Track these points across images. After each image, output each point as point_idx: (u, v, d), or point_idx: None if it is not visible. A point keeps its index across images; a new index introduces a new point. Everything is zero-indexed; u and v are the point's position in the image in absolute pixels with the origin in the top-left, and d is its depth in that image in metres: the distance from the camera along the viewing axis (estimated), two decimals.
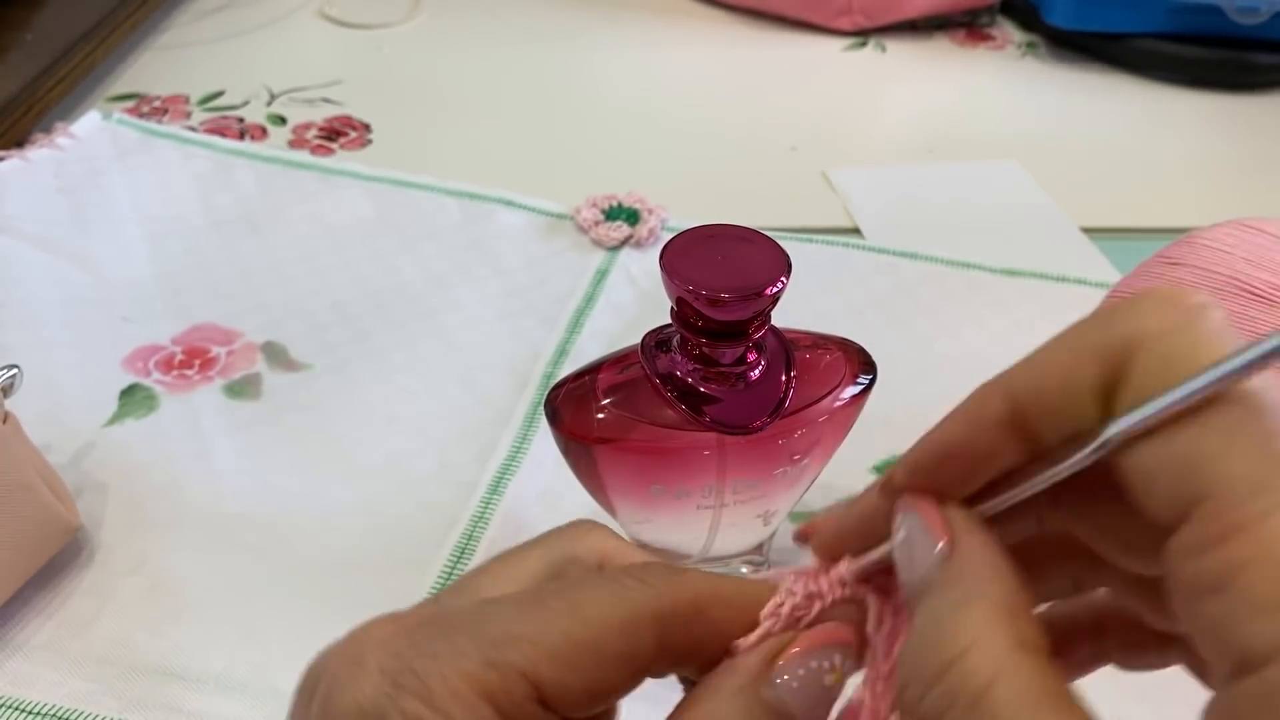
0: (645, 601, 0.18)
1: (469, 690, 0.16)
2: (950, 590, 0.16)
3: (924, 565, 0.17)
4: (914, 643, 0.16)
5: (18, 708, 0.33)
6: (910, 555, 0.17)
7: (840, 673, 0.19)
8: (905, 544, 0.18)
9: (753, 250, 0.30)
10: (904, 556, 0.18)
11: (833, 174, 0.61)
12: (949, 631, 0.16)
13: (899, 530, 0.18)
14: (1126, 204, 0.60)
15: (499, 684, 0.16)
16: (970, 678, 0.15)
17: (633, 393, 0.32)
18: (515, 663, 0.16)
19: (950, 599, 0.16)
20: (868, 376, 0.34)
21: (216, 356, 0.47)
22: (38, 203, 0.55)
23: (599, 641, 0.17)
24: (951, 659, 0.15)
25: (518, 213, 0.55)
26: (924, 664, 0.16)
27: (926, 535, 0.17)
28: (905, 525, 0.18)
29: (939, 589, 0.17)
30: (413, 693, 0.16)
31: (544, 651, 0.17)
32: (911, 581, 0.17)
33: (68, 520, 0.37)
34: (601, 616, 0.17)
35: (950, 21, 0.78)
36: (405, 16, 0.77)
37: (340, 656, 0.17)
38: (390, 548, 0.39)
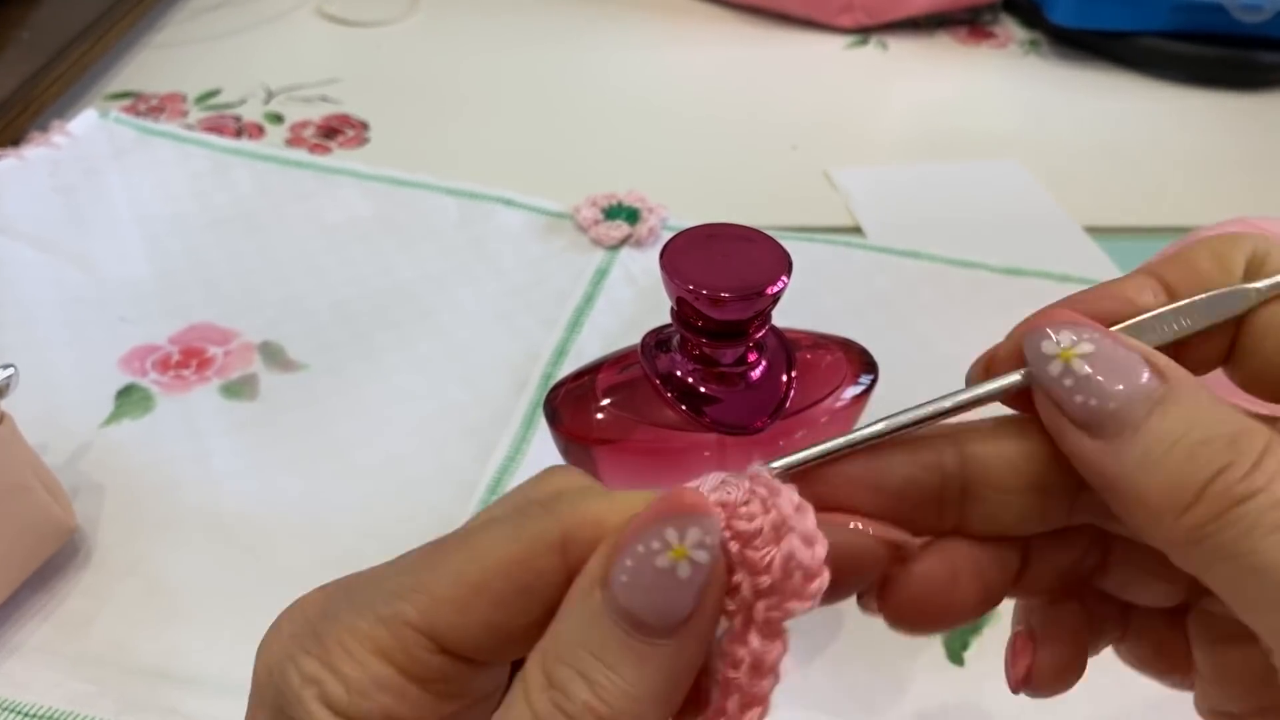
0: (544, 529, 0.17)
1: (361, 648, 0.16)
2: (1196, 392, 0.16)
3: (1135, 376, 0.17)
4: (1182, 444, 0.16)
5: (14, 710, 0.33)
6: (1109, 367, 0.17)
7: (679, 549, 0.16)
8: (1096, 355, 0.17)
9: (753, 249, 0.30)
10: (1099, 366, 0.17)
11: (834, 173, 0.61)
12: (1225, 419, 0.16)
13: (1079, 344, 0.17)
14: (1129, 203, 0.60)
15: (390, 639, 0.16)
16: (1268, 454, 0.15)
17: (633, 393, 0.32)
18: (405, 615, 0.16)
19: (1191, 405, 0.16)
20: (869, 377, 0.33)
21: (213, 356, 0.46)
22: (34, 202, 0.54)
23: (491, 579, 0.16)
24: (1264, 446, 0.16)
25: (517, 212, 0.55)
26: (1239, 444, 0.16)
27: (1123, 351, 0.17)
28: (1088, 338, 0.17)
29: (1183, 392, 0.16)
30: (311, 653, 0.16)
31: (434, 599, 0.16)
32: (1112, 396, 0.17)
33: (64, 521, 0.36)
34: (495, 552, 0.17)
35: (952, 19, 0.78)
36: (403, 14, 0.77)
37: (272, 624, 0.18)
38: (389, 548, 0.38)
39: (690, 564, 0.16)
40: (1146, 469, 0.16)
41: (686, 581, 0.16)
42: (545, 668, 0.16)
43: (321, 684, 0.16)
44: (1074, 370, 0.17)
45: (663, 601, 0.16)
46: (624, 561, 0.16)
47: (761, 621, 0.16)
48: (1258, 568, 0.15)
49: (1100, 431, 0.16)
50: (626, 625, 0.16)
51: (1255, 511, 0.15)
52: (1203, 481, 0.16)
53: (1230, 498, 0.15)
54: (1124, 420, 0.16)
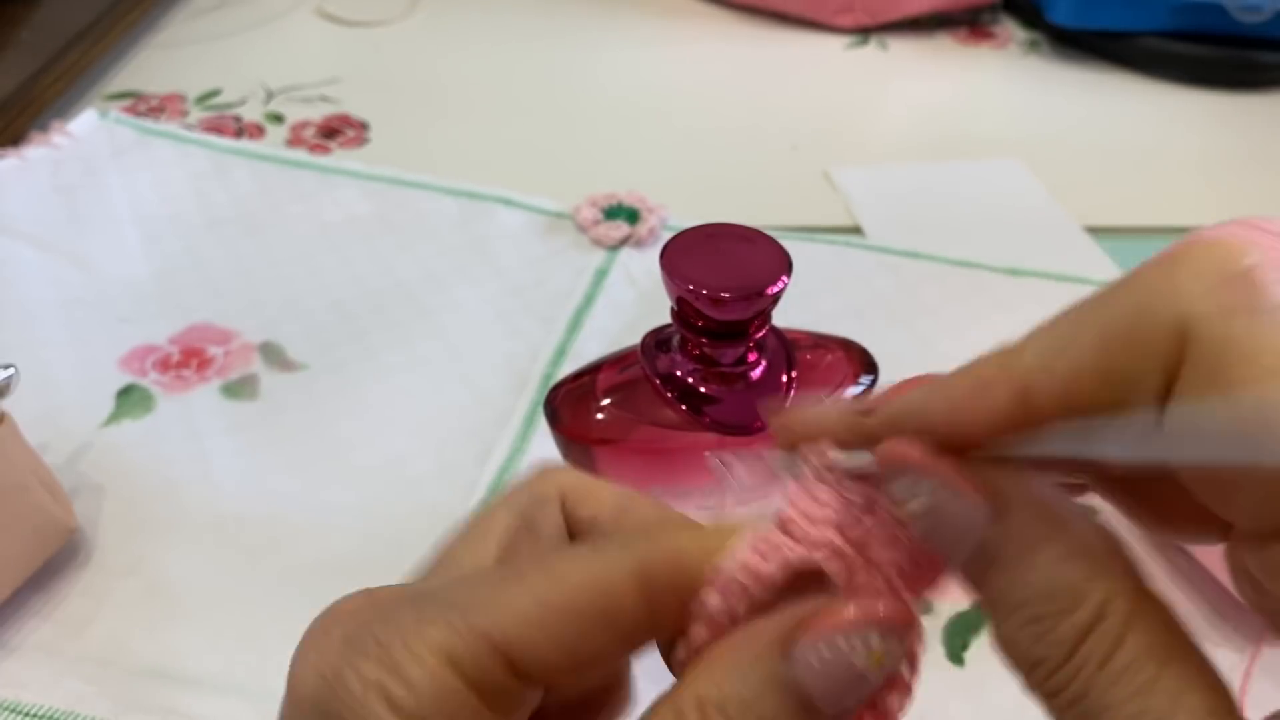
0: (621, 559, 0.17)
1: (430, 654, 0.15)
2: (1031, 550, 0.15)
3: (970, 534, 0.15)
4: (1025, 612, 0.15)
5: (14, 710, 0.33)
6: (946, 524, 0.16)
7: (879, 656, 0.16)
8: (931, 513, 0.16)
9: (753, 249, 0.30)
10: (935, 525, 0.16)
11: (834, 173, 0.61)
12: (1070, 591, 0.14)
13: (912, 499, 0.16)
14: (1129, 203, 0.60)
15: (463, 648, 0.15)
16: (1105, 636, 0.14)
17: (633, 393, 0.32)
18: (480, 626, 0.16)
19: (1046, 556, 0.15)
20: (869, 377, 0.33)
21: (214, 357, 0.46)
22: (34, 202, 0.54)
23: (570, 602, 0.16)
24: (1088, 623, 0.14)
25: (517, 212, 0.55)
26: (1055, 635, 0.14)
27: (962, 502, 0.15)
28: (922, 492, 0.16)
29: (1014, 557, 0.15)
30: (372, 657, 0.15)
31: (511, 614, 0.16)
32: (957, 550, 0.16)
33: (64, 521, 0.36)
34: (575, 577, 0.16)
35: (952, 19, 0.78)
36: (403, 14, 0.77)
37: (309, 630, 0.17)
38: (389, 548, 0.39)
39: (881, 671, 0.16)
40: (1002, 623, 0.15)
41: (870, 686, 0.16)
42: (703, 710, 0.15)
43: (386, 688, 0.15)
44: (917, 523, 0.16)
45: (846, 698, 0.16)
46: (819, 647, 0.15)
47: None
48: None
49: (961, 574, 0.16)
50: (798, 706, 0.15)
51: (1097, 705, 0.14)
52: (1032, 663, 0.15)
53: (1047, 691, 0.15)
54: (975, 566, 0.16)
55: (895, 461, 0.16)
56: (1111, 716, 0.14)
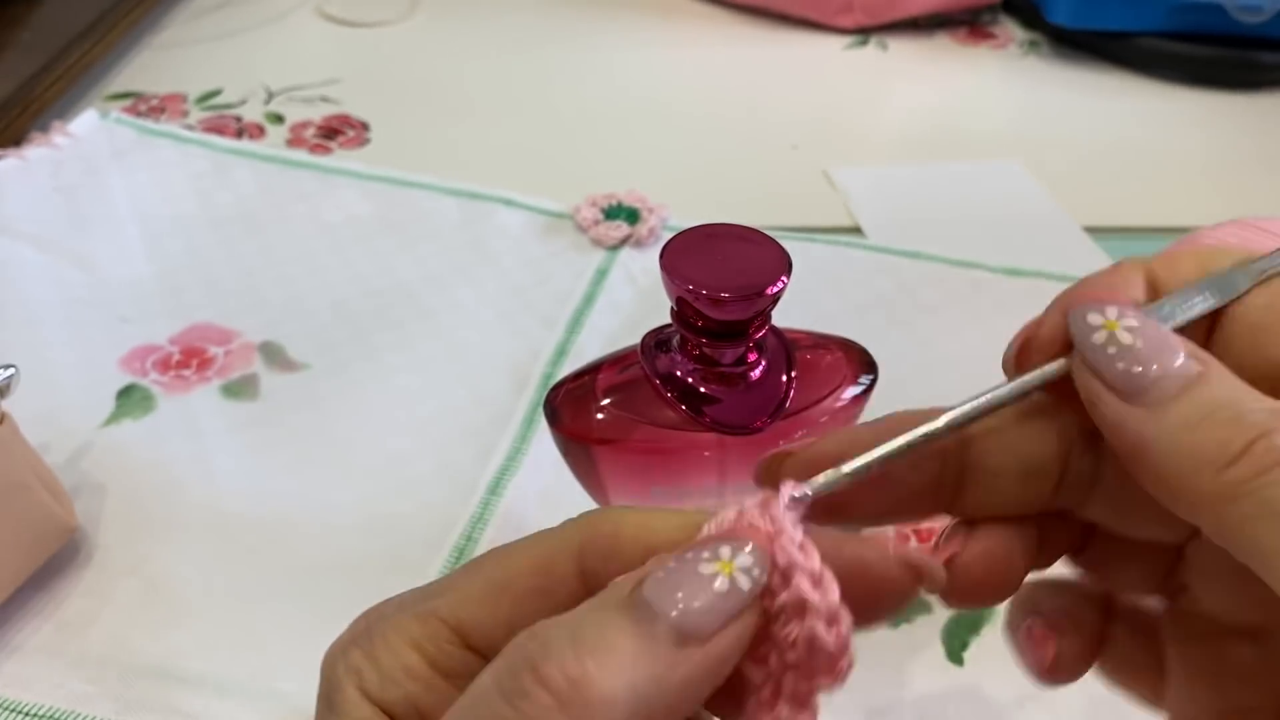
0: (563, 538, 0.18)
1: (399, 639, 0.17)
2: (1219, 377, 0.17)
3: (1166, 362, 0.17)
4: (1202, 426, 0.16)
5: (15, 710, 0.33)
6: (1139, 353, 0.17)
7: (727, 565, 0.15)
8: (1133, 343, 0.17)
9: (753, 249, 0.30)
10: (1126, 353, 0.17)
11: (834, 173, 0.61)
12: (1262, 397, 0.16)
13: (1109, 332, 0.17)
14: (1129, 203, 0.60)
15: (422, 631, 0.17)
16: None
17: (633, 393, 0.32)
18: (437, 610, 0.17)
19: (1226, 382, 0.17)
20: (869, 377, 0.33)
21: (214, 356, 0.46)
22: (35, 202, 0.54)
23: (513, 580, 0.18)
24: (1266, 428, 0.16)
25: (517, 212, 0.55)
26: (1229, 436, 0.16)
27: (1162, 337, 0.17)
28: (1131, 318, 0.18)
29: (1208, 377, 0.17)
30: (359, 646, 0.17)
31: (463, 596, 0.18)
32: (1144, 370, 0.17)
33: (65, 521, 0.36)
34: (519, 558, 0.18)
35: (952, 20, 0.78)
36: (404, 15, 0.77)
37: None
38: (389, 548, 0.39)
39: (731, 583, 0.15)
40: (1186, 431, 0.16)
41: (719, 595, 0.15)
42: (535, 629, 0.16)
43: (360, 672, 0.17)
44: (1119, 340, 0.18)
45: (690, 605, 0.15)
46: (667, 563, 0.16)
47: (790, 694, 0.16)
48: None
49: (1139, 397, 0.17)
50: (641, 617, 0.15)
51: None
52: (1245, 443, 0.16)
53: (1273, 458, 0.16)
54: (1164, 389, 0.17)
55: (1099, 297, 0.19)
56: None
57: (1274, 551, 0.15)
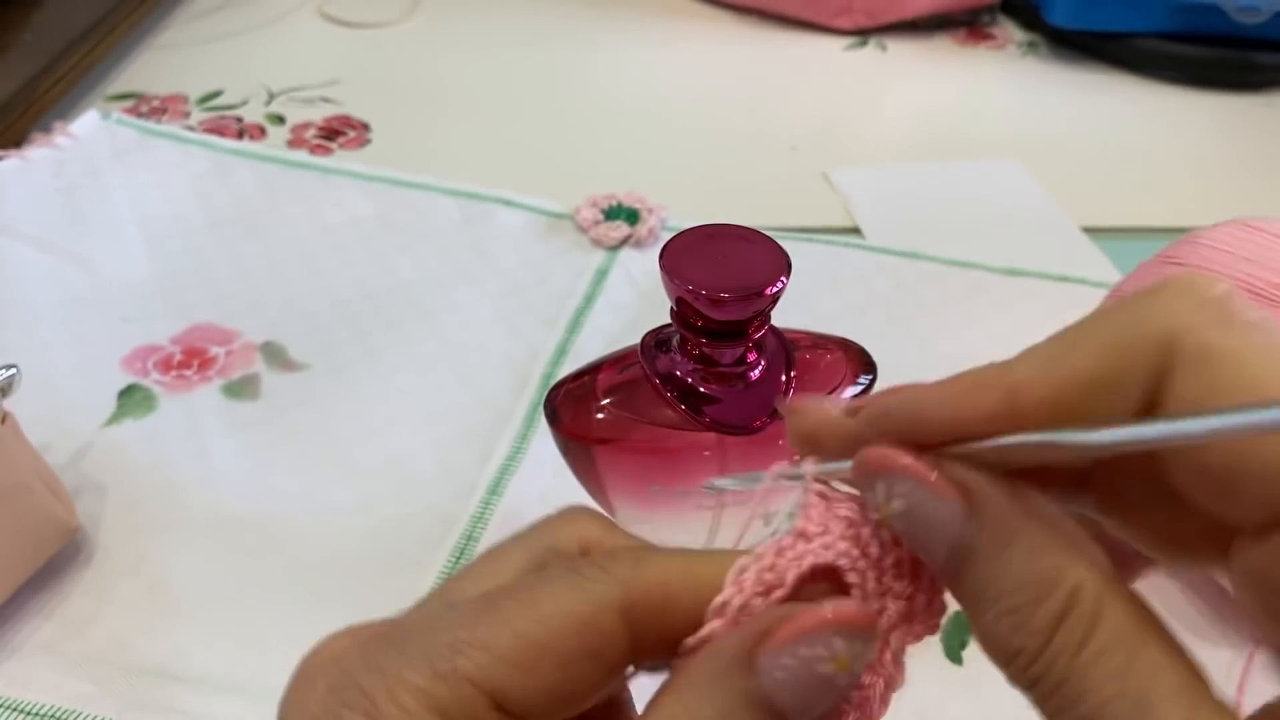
0: (606, 592, 0.16)
1: (417, 705, 0.15)
2: (1004, 544, 0.15)
3: (947, 531, 0.16)
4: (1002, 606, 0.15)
5: (15, 709, 0.33)
6: (923, 524, 0.16)
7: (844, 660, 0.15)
8: (908, 514, 0.16)
9: (753, 250, 0.30)
10: (913, 525, 0.16)
11: (833, 173, 0.61)
12: (1043, 580, 0.15)
13: (892, 500, 0.16)
14: (1128, 204, 0.60)
15: (449, 696, 0.15)
16: (1079, 620, 0.15)
17: (632, 393, 0.32)
18: (466, 671, 0.15)
19: (1018, 549, 0.15)
20: (868, 377, 0.33)
21: (215, 357, 0.47)
22: (36, 203, 0.55)
23: (555, 641, 0.16)
24: (1061, 609, 0.15)
25: (517, 212, 0.55)
26: (1031, 624, 0.15)
27: (936, 500, 0.16)
28: (899, 494, 0.16)
29: (988, 551, 0.15)
30: (358, 710, 0.15)
31: (496, 657, 0.15)
32: (935, 549, 0.16)
33: (66, 521, 0.36)
34: (559, 614, 0.16)
35: (951, 21, 0.78)
36: (404, 15, 0.77)
37: (296, 675, 0.17)
38: (390, 548, 0.39)
39: (849, 675, 0.16)
40: (980, 618, 0.16)
41: (840, 690, 0.16)
42: None
43: None
44: (895, 525, 0.17)
45: (815, 706, 0.15)
46: (783, 659, 0.15)
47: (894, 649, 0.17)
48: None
49: (939, 573, 0.17)
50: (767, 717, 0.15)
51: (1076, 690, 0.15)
52: (1011, 654, 0.15)
53: (1028, 680, 0.15)
54: (952, 564, 0.16)
55: (870, 465, 0.16)
56: (1090, 700, 0.14)
57: None
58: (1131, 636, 0.15)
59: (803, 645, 0.15)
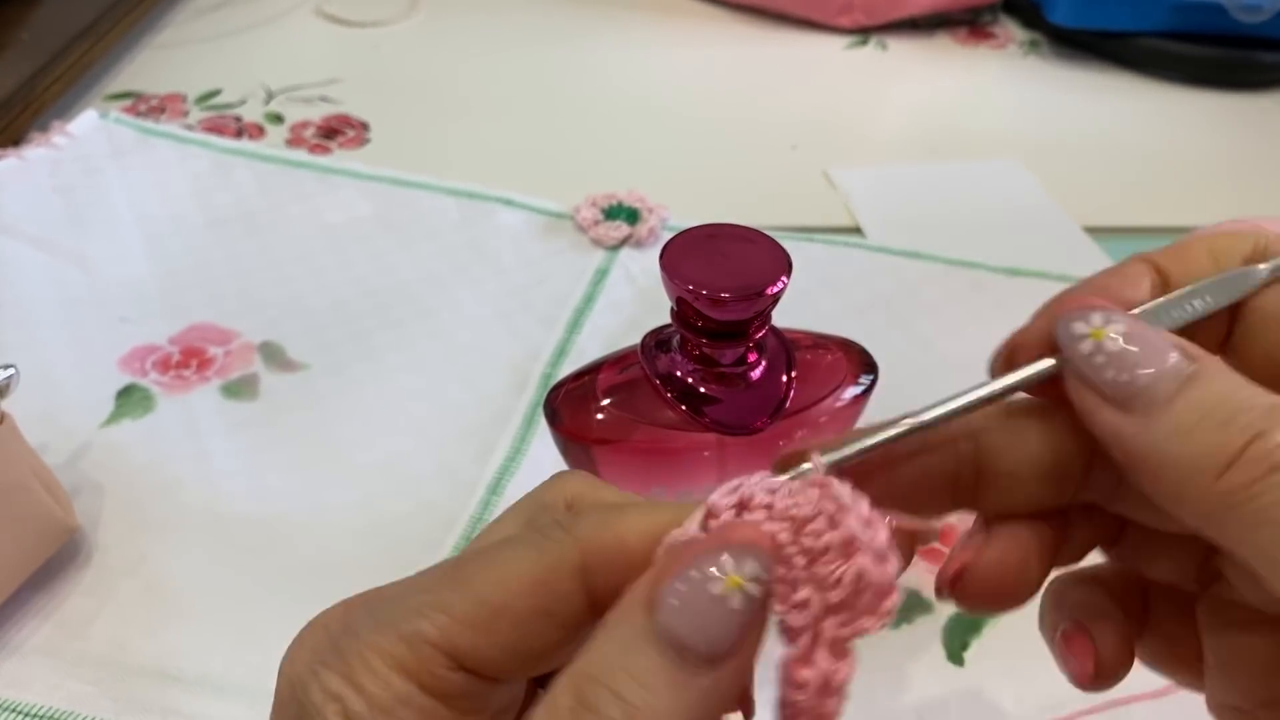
0: (562, 552, 0.17)
1: (383, 664, 0.16)
2: (1213, 375, 0.17)
3: (1158, 365, 0.17)
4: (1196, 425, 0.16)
5: (14, 710, 0.33)
6: (1142, 344, 0.17)
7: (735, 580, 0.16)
8: (1122, 349, 0.17)
9: (753, 250, 0.30)
10: (1132, 342, 0.17)
11: (834, 173, 0.61)
12: (1257, 393, 0.16)
13: (1110, 324, 0.17)
14: (1129, 203, 0.60)
15: (412, 656, 0.16)
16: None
17: (632, 393, 0.32)
18: (426, 633, 0.16)
19: (1221, 380, 0.16)
20: (869, 377, 0.33)
21: (214, 357, 0.46)
22: (34, 202, 0.54)
23: (511, 602, 0.16)
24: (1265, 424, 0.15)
25: (517, 212, 0.55)
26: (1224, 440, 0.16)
27: (1151, 339, 0.17)
28: (1118, 323, 0.17)
29: (1202, 375, 0.16)
30: (333, 669, 0.16)
31: (456, 618, 0.16)
32: (1132, 378, 0.17)
33: (64, 521, 0.36)
34: (515, 575, 0.17)
35: (952, 19, 0.78)
36: (403, 14, 0.77)
37: (293, 640, 0.18)
38: (389, 548, 0.39)
39: (743, 595, 0.16)
40: (1180, 437, 0.16)
41: (737, 612, 0.16)
42: (577, 687, 0.15)
43: (344, 700, 0.16)
44: (1106, 348, 0.17)
45: (712, 630, 0.15)
46: (675, 585, 0.16)
47: (830, 640, 0.16)
48: None
49: (1132, 406, 0.17)
50: (671, 651, 0.15)
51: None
52: (1240, 446, 0.16)
53: (1270, 462, 0.15)
54: (1156, 394, 0.17)
55: (1085, 305, 0.18)
56: None
57: (1272, 555, 0.15)
58: None
59: (692, 569, 0.16)
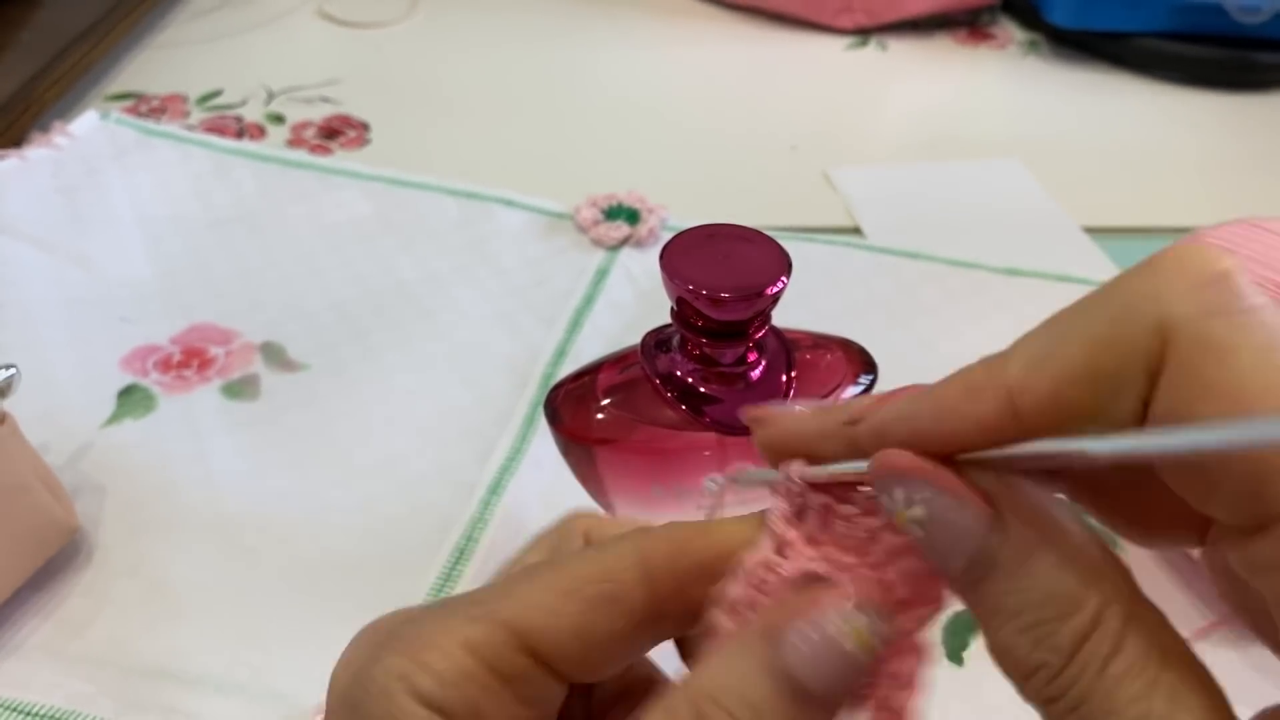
0: (624, 549, 0.18)
1: (452, 643, 0.16)
2: (1029, 557, 0.15)
3: (969, 541, 0.15)
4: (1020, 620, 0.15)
5: (15, 709, 0.33)
6: (943, 532, 0.15)
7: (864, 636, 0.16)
8: (929, 521, 0.16)
9: (753, 250, 0.30)
10: (933, 533, 0.16)
11: (834, 173, 0.61)
12: (1068, 596, 0.15)
13: (912, 506, 0.16)
14: (1128, 203, 0.60)
15: (482, 635, 0.16)
16: (1104, 639, 0.14)
17: (633, 393, 0.32)
18: (498, 613, 0.17)
19: (1044, 563, 0.15)
20: (869, 377, 0.33)
21: (215, 357, 0.46)
22: (36, 202, 0.55)
23: (577, 588, 0.17)
24: (1087, 627, 0.14)
25: (517, 212, 0.55)
26: (1054, 640, 0.15)
27: (962, 509, 0.15)
28: (919, 500, 0.16)
29: (1012, 564, 0.15)
30: (397, 651, 0.16)
31: (524, 603, 0.17)
32: (954, 558, 0.16)
33: (65, 521, 0.36)
34: (581, 568, 0.18)
35: (952, 20, 0.78)
36: (404, 15, 0.77)
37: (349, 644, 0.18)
38: (389, 548, 0.39)
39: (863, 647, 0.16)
40: (997, 632, 0.16)
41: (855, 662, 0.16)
42: (695, 703, 0.16)
43: (410, 678, 0.16)
44: (913, 530, 0.16)
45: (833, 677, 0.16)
46: (806, 630, 0.16)
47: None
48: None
49: (954, 582, 0.16)
50: (790, 689, 0.16)
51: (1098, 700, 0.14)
52: (1030, 669, 0.15)
53: (1045, 697, 0.15)
54: (971, 574, 0.16)
55: (892, 470, 0.16)
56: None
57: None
58: (1156, 659, 0.14)
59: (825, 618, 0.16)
